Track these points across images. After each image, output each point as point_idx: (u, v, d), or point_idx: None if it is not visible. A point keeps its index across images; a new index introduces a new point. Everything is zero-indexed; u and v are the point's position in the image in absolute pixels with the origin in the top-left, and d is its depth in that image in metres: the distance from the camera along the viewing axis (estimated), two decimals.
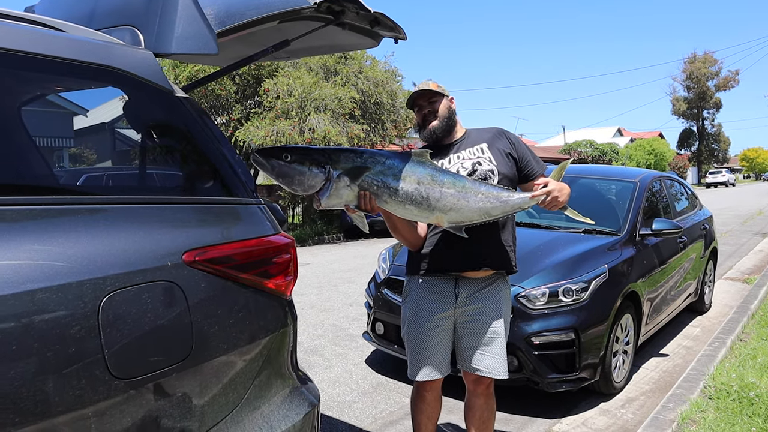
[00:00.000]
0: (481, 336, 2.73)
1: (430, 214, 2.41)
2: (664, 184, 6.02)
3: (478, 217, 2.45)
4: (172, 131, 1.77)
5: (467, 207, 2.41)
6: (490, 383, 2.82)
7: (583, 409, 4.06)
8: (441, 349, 2.76)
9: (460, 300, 2.73)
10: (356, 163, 2.31)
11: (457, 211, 2.41)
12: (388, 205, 2.37)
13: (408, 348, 2.84)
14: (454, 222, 2.45)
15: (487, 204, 2.44)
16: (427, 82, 2.71)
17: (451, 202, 2.39)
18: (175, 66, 13.46)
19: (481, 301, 2.73)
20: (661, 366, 4.99)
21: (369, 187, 2.32)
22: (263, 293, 1.70)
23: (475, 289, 2.73)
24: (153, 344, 1.40)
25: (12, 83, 1.61)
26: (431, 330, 2.74)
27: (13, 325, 1.18)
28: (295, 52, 2.69)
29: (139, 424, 1.36)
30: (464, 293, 2.73)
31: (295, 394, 1.84)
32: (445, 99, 2.71)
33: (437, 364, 2.76)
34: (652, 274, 4.81)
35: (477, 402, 2.86)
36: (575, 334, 3.84)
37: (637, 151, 44.53)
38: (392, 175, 2.34)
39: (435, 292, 2.75)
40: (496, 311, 2.75)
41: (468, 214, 2.43)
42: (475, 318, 2.74)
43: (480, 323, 2.73)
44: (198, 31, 1.75)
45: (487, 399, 2.85)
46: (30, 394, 1.18)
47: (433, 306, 2.75)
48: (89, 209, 1.42)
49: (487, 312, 2.74)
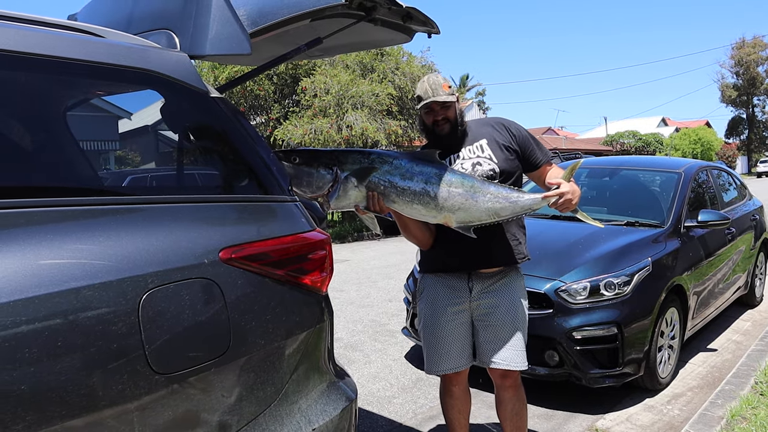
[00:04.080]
0: (499, 329, 2.70)
1: (438, 214, 2.39)
2: (710, 174, 5.85)
3: (486, 217, 2.42)
4: (208, 131, 1.81)
5: (475, 207, 2.38)
6: (517, 375, 2.80)
7: (627, 405, 3.99)
8: (459, 341, 2.74)
9: (474, 294, 2.71)
10: (363, 163, 2.31)
11: (465, 210, 2.38)
12: (396, 204, 2.36)
13: (425, 343, 2.84)
14: (463, 222, 2.42)
15: (496, 204, 2.41)
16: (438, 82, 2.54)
17: (459, 202, 2.36)
18: (214, 68, 13.69)
19: (495, 294, 2.70)
20: (709, 361, 4.86)
21: (376, 187, 2.32)
22: (299, 289, 1.72)
23: (489, 283, 2.71)
24: (192, 340, 1.43)
25: (57, 88, 1.67)
26: (447, 323, 2.73)
27: (59, 322, 1.22)
28: (329, 49, 2.71)
29: (179, 417, 1.40)
30: (478, 287, 2.70)
31: (332, 389, 1.86)
32: (457, 103, 2.62)
33: (457, 356, 2.75)
34: (698, 267, 4.68)
35: (506, 395, 2.82)
36: (618, 329, 3.77)
37: (683, 140, 43.33)
38: (399, 175, 2.34)
39: (448, 287, 2.73)
40: (511, 303, 2.71)
41: (476, 214, 2.40)
42: (491, 311, 2.71)
43: (496, 316, 2.70)
44: (231, 32, 1.78)
45: (516, 391, 2.82)
46: (75, 388, 1.22)
47: (447, 300, 2.73)
48: (128, 209, 1.46)
49: (503, 305, 2.70)
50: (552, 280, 3.91)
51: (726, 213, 5.34)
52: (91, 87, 1.88)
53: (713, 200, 5.65)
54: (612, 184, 5.70)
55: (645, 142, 38.94)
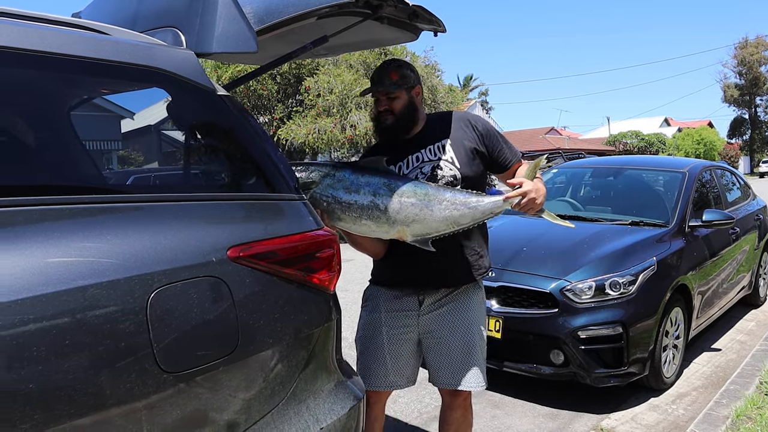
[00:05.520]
0: (452, 346, 2.45)
1: (390, 229, 2.16)
2: (714, 174, 5.84)
3: (444, 227, 2.20)
4: (215, 129, 1.80)
5: (432, 217, 2.16)
6: (467, 395, 2.55)
7: (632, 404, 3.98)
8: (398, 359, 2.49)
9: (425, 308, 2.45)
10: (301, 178, 2.09)
11: (420, 222, 2.15)
12: (342, 222, 2.15)
13: (358, 356, 2.59)
14: (419, 235, 2.19)
15: (455, 212, 2.18)
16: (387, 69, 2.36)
17: (413, 213, 2.14)
18: (217, 67, 13.69)
19: (448, 308, 2.45)
20: (714, 361, 4.84)
21: (318, 204, 2.11)
22: (307, 288, 1.71)
23: (442, 294, 2.46)
24: (200, 339, 1.42)
25: (63, 86, 1.67)
26: (388, 340, 2.47)
27: (67, 320, 1.21)
28: (334, 48, 2.70)
29: (187, 416, 1.39)
30: (429, 300, 2.45)
31: (340, 388, 1.85)
32: (407, 93, 2.37)
33: (393, 374, 2.49)
34: (702, 267, 4.67)
35: (453, 416, 2.57)
36: (623, 328, 3.76)
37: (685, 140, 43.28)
38: (343, 188, 2.13)
39: (396, 298, 2.48)
40: (465, 318, 2.46)
41: (433, 225, 2.18)
42: (442, 326, 2.45)
43: (448, 332, 2.45)
44: (238, 30, 1.77)
45: (464, 412, 2.58)
46: (83, 387, 1.21)
47: (392, 313, 2.48)
48: (135, 207, 1.45)
49: (457, 320, 2.45)
50: (557, 280, 3.90)
51: (730, 213, 5.32)
52: (97, 85, 1.87)
53: (717, 200, 5.64)
54: (616, 183, 5.70)
55: (648, 142, 38.87)
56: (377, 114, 2.40)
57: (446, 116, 2.51)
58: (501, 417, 3.79)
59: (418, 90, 2.44)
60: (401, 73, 2.36)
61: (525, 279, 4.01)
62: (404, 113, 2.38)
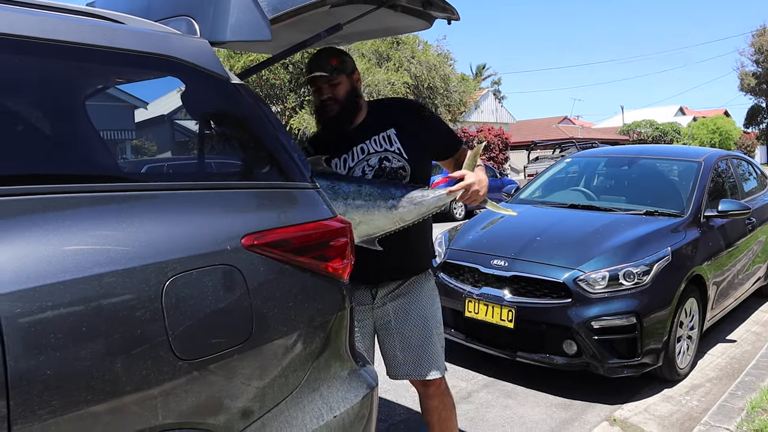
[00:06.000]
0: (409, 336, 2.43)
1: None
2: (730, 164, 5.78)
3: (391, 225, 2.18)
4: (229, 118, 1.80)
5: (378, 217, 2.13)
6: (440, 382, 2.51)
7: (645, 395, 3.96)
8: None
9: (378, 300, 2.44)
10: None
11: (367, 223, 2.13)
12: None
13: None
14: (365, 235, 2.16)
15: (400, 209, 2.16)
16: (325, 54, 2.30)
17: (359, 216, 2.10)
18: (230, 57, 13.72)
19: (402, 298, 2.44)
20: (729, 352, 4.81)
21: None
22: (321, 276, 1.71)
23: (393, 287, 2.44)
24: (214, 326, 1.43)
25: (77, 76, 1.67)
26: None
27: (83, 308, 1.22)
28: (348, 36, 2.69)
29: (202, 403, 1.40)
30: (382, 292, 2.44)
31: (353, 376, 1.86)
32: (348, 78, 2.31)
33: None
34: (718, 257, 4.63)
35: (432, 404, 2.55)
36: (637, 319, 3.74)
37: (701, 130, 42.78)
38: None
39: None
40: (419, 307, 2.45)
41: (380, 224, 2.15)
42: (397, 317, 2.44)
43: (404, 322, 2.43)
44: (252, 19, 1.77)
45: (441, 398, 2.55)
46: (100, 374, 1.22)
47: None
48: (151, 196, 1.46)
49: (412, 309, 2.44)
50: (571, 270, 3.88)
51: (746, 203, 5.27)
52: (112, 74, 1.88)
53: (733, 190, 5.58)
54: (631, 173, 5.65)
55: (662, 131, 38.50)
56: (320, 104, 2.33)
57: (388, 103, 2.47)
58: (513, 407, 3.79)
59: (358, 76, 2.39)
60: (341, 59, 2.30)
61: (538, 269, 3.99)
62: (348, 100, 2.32)
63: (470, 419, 3.62)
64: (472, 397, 3.95)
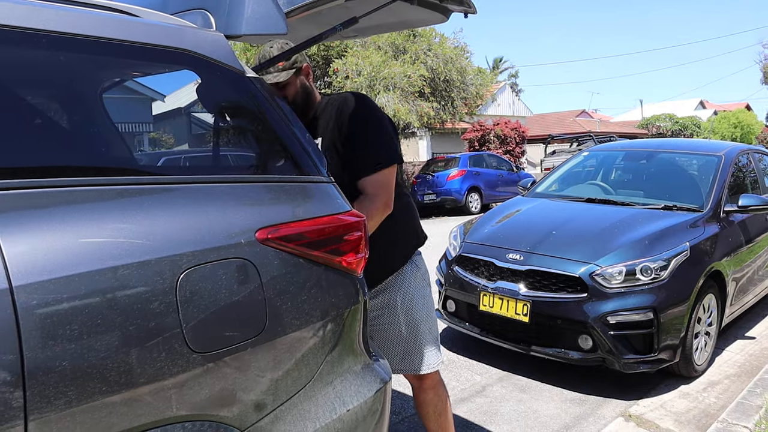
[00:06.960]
0: (398, 330, 2.41)
1: None
2: (752, 158, 5.69)
3: None
4: (244, 111, 1.80)
5: None
6: (434, 375, 2.50)
7: (661, 391, 3.93)
8: None
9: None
10: None
11: None
12: None
13: None
14: None
15: None
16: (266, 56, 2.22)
17: None
18: (246, 49, 13.74)
19: (386, 292, 2.41)
20: (747, 349, 4.75)
21: None
22: (334, 270, 1.71)
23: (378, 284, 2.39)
24: (228, 319, 1.44)
25: (94, 69, 1.68)
26: None
27: (98, 300, 1.23)
28: (364, 30, 2.67)
29: (215, 396, 1.41)
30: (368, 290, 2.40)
31: (367, 371, 1.86)
32: (297, 78, 2.28)
33: None
34: (737, 253, 4.57)
35: (426, 397, 2.54)
36: (654, 314, 3.71)
37: (722, 123, 42.12)
38: None
39: None
40: (404, 299, 2.41)
41: None
42: (383, 312, 2.41)
43: (390, 316, 2.41)
44: (267, 12, 1.76)
45: (435, 391, 2.54)
46: (115, 365, 1.23)
47: None
48: (166, 189, 1.46)
49: (397, 302, 2.41)
50: (587, 264, 3.85)
51: None
52: (128, 67, 1.88)
53: (754, 185, 5.50)
54: (649, 167, 5.59)
55: (682, 125, 37.97)
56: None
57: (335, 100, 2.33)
58: (527, 401, 3.78)
59: (308, 68, 2.34)
60: (287, 60, 2.24)
61: (554, 263, 3.97)
62: (300, 99, 2.31)
63: (484, 413, 3.62)
64: (486, 391, 3.94)
